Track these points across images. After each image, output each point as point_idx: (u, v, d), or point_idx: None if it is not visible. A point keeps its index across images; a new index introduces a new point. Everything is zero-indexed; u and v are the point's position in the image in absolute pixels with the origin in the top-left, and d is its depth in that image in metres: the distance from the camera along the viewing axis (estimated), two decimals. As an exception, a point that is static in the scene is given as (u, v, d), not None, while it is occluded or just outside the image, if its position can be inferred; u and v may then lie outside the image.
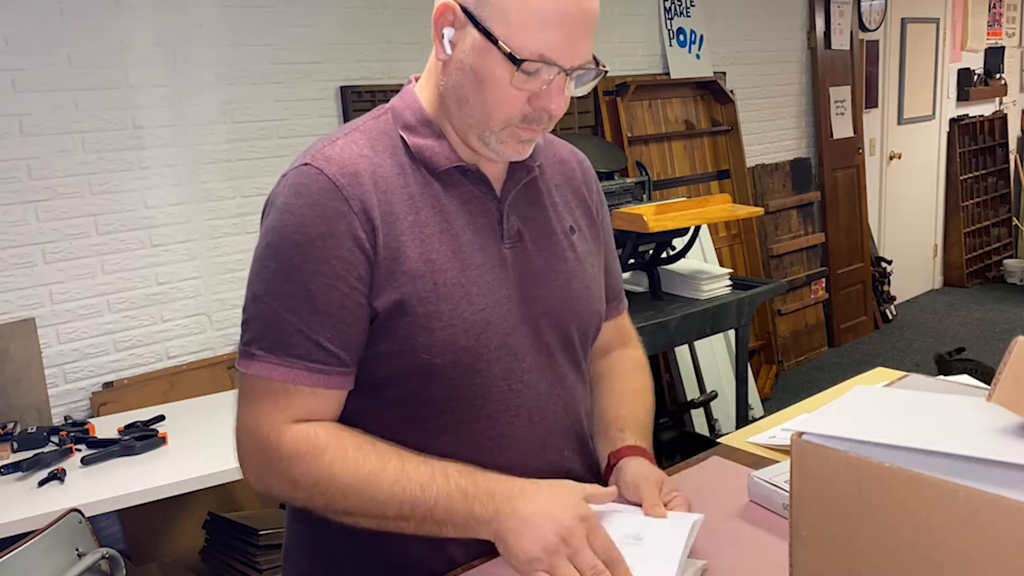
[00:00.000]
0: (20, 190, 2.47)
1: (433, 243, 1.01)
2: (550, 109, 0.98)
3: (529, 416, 1.07)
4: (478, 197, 1.06)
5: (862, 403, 0.83)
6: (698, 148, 4.37)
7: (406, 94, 1.08)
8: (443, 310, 0.99)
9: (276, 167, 2.94)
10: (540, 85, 0.97)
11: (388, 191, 1.00)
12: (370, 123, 1.06)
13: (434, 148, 1.03)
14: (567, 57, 0.95)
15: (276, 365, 0.96)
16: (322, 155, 1.00)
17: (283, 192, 0.99)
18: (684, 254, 3.03)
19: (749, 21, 4.61)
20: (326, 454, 0.96)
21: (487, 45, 0.94)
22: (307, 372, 0.97)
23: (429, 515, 0.96)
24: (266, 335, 0.97)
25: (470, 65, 0.97)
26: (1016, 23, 6.79)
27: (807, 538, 0.76)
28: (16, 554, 1.39)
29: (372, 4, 3.12)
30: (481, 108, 0.98)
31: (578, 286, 1.12)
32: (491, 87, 0.96)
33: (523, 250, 1.08)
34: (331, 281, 0.96)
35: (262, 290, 0.98)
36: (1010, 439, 0.69)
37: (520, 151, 1.03)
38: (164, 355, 2.78)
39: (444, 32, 0.98)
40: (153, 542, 2.63)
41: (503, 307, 1.04)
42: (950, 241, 6.37)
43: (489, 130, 1.00)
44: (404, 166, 1.02)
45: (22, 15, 2.44)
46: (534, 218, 1.11)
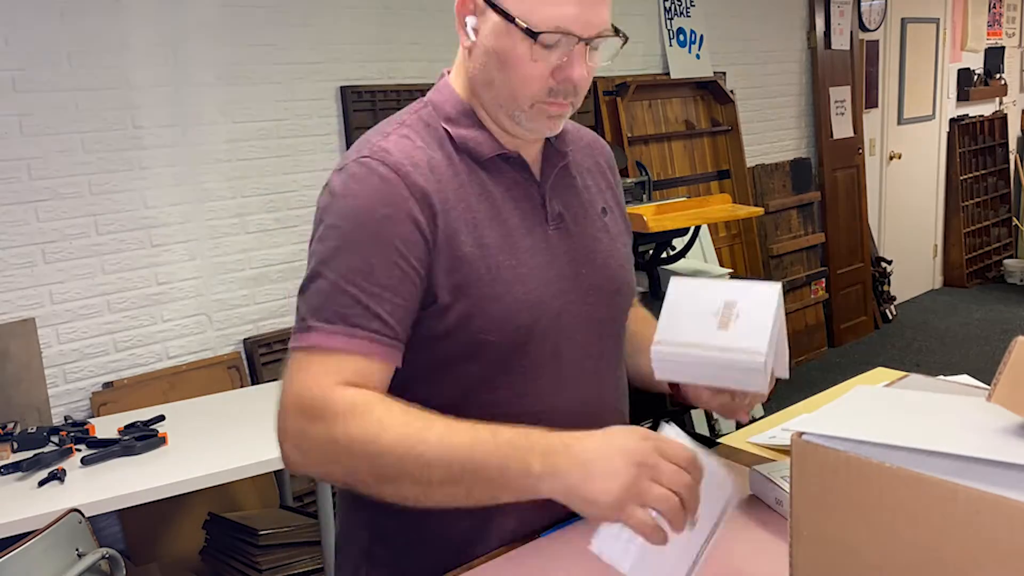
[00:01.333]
0: (20, 190, 2.47)
1: (484, 229, 1.05)
2: (573, 79, 1.01)
3: (576, 390, 1.11)
4: (520, 183, 1.10)
5: (862, 403, 0.83)
6: (698, 148, 4.37)
7: (443, 87, 1.11)
8: (498, 292, 1.03)
9: (276, 167, 2.94)
10: (561, 57, 1.00)
11: (442, 180, 1.04)
12: (413, 117, 1.09)
13: (477, 138, 1.08)
14: (583, 26, 0.99)
15: (334, 334, 0.97)
16: (379, 147, 1.04)
17: (343, 182, 1.03)
18: (684, 254, 3.03)
19: (749, 21, 4.61)
20: (374, 412, 0.94)
21: (505, 25, 0.99)
22: (366, 341, 0.97)
23: (480, 474, 0.90)
24: (325, 307, 0.99)
25: (492, 47, 1.01)
26: (1016, 23, 6.79)
27: (807, 538, 0.76)
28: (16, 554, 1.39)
29: (372, 4, 3.12)
30: (508, 88, 1.02)
31: (615, 264, 1.17)
32: (514, 65, 1.00)
33: (566, 232, 1.12)
34: (393, 258, 0.99)
35: (322, 267, 1.00)
36: (1010, 439, 0.69)
37: (552, 127, 1.06)
38: (164, 355, 2.78)
39: (467, 21, 1.03)
40: (153, 542, 2.63)
41: (554, 287, 1.08)
42: (950, 241, 6.38)
43: (518, 108, 1.03)
44: (451, 156, 1.07)
45: (22, 15, 2.44)
46: (571, 200, 1.15)
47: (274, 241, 2.95)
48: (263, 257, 2.94)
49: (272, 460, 2.09)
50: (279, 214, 2.96)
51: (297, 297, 1.03)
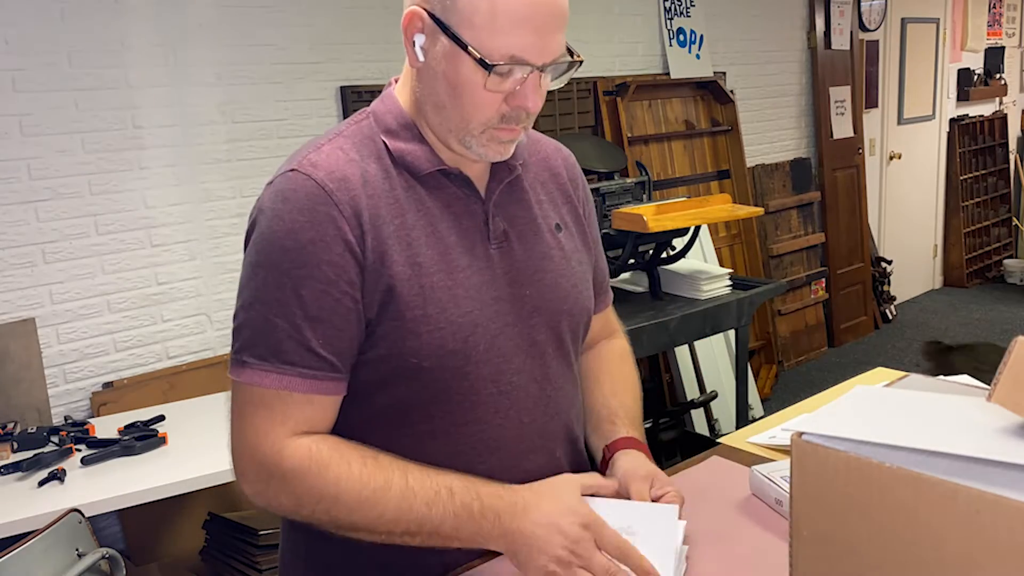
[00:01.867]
0: (20, 190, 2.47)
1: (419, 247, 1.00)
2: (527, 107, 0.98)
3: (519, 418, 1.07)
4: (462, 199, 1.05)
5: (862, 403, 0.83)
6: (698, 148, 4.37)
7: (387, 98, 1.07)
8: (430, 313, 0.99)
9: (276, 167, 2.93)
10: (514, 85, 0.96)
11: (374, 195, 0.99)
12: (353, 128, 1.05)
13: (416, 152, 1.03)
14: (538, 55, 0.94)
15: (268, 372, 0.95)
16: (308, 161, 0.99)
17: (271, 198, 0.99)
18: (684, 254, 3.03)
19: (749, 21, 4.61)
20: (330, 471, 0.95)
21: (457, 51, 0.94)
22: (300, 379, 0.95)
23: (436, 532, 0.97)
24: (257, 342, 0.96)
25: (443, 72, 0.96)
26: (1016, 23, 6.79)
27: (807, 538, 0.76)
28: (16, 554, 1.39)
29: (372, 4, 3.12)
30: (458, 113, 0.98)
31: (566, 284, 1.12)
32: (465, 92, 0.96)
33: (510, 250, 1.07)
34: (322, 286, 0.95)
35: (252, 297, 0.97)
36: (1010, 439, 0.69)
37: (502, 152, 1.02)
38: (164, 355, 2.78)
39: (415, 39, 0.98)
40: (153, 542, 2.63)
41: (491, 308, 1.04)
42: (950, 241, 6.37)
43: (469, 134, 0.99)
44: (388, 170, 1.02)
45: (22, 15, 2.44)
46: (519, 217, 1.10)
47: (274, 241, 2.95)
48: (263, 257, 2.93)
49: (272, 460, 2.09)
50: (279, 214, 2.95)
51: (232, 320, 1.00)
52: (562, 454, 1.14)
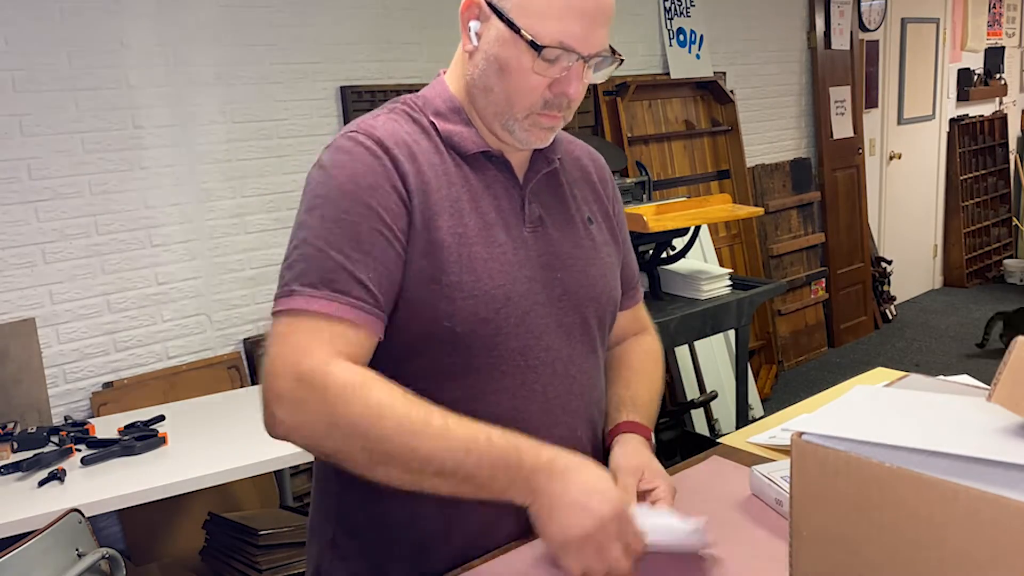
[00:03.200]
0: (20, 190, 2.47)
1: (463, 217, 1.06)
2: (569, 94, 1.04)
3: (544, 392, 1.10)
4: (501, 182, 1.11)
5: (862, 403, 0.83)
6: (698, 148, 4.38)
7: (437, 84, 1.14)
8: (466, 280, 1.03)
9: (276, 167, 2.94)
10: (560, 71, 1.03)
11: (424, 164, 1.06)
12: (403, 108, 1.12)
13: (463, 133, 1.10)
14: (585, 45, 1.01)
15: (318, 298, 0.97)
16: (367, 125, 1.06)
17: (331, 155, 1.05)
18: (684, 254, 3.03)
19: (749, 21, 4.61)
20: (373, 393, 0.95)
21: (510, 35, 1.01)
22: (349, 307, 0.97)
23: (469, 477, 0.95)
24: (309, 272, 0.99)
25: (494, 55, 1.04)
26: (1016, 23, 6.79)
27: (807, 538, 0.76)
28: (16, 554, 1.39)
29: (372, 4, 3.12)
30: (505, 96, 1.05)
31: (595, 272, 1.17)
32: (514, 74, 1.03)
33: (544, 235, 1.13)
34: (377, 227, 1.00)
35: (308, 235, 1.01)
36: (1010, 439, 0.69)
37: (543, 138, 1.09)
38: (164, 355, 2.78)
39: (470, 25, 1.06)
40: (153, 542, 2.63)
41: (523, 285, 1.08)
42: (950, 241, 6.38)
43: (513, 118, 1.06)
44: (438, 146, 1.09)
45: (22, 15, 2.44)
46: (554, 206, 1.16)
47: (274, 241, 2.95)
48: (263, 257, 2.94)
49: (272, 460, 2.09)
50: (279, 214, 2.96)
51: (281, 266, 1.03)
52: (582, 434, 1.16)
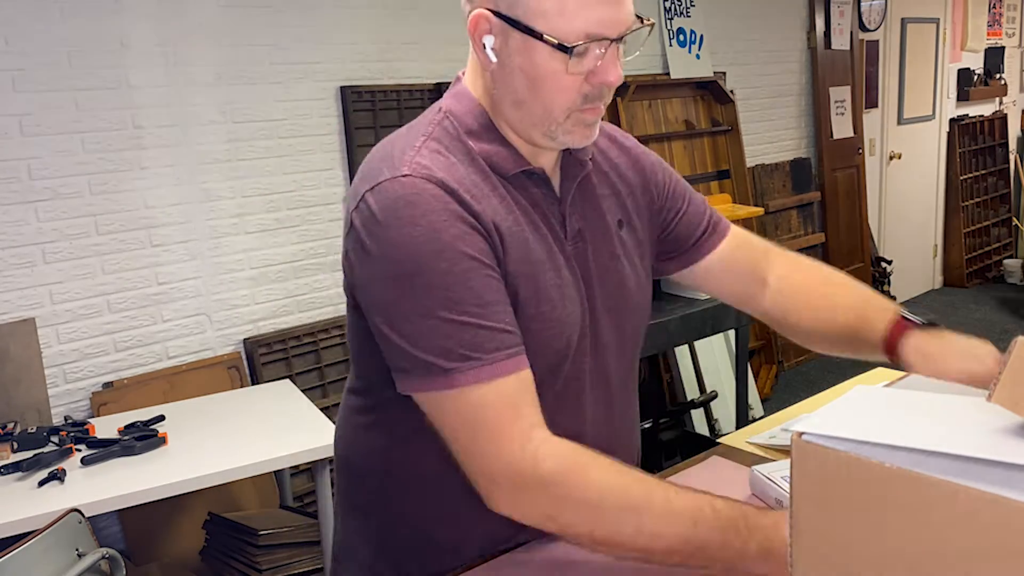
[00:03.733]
0: (20, 190, 2.47)
1: (529, 244, 1.00)
2: (610, 82, 0.97)
3: (593, 414, 1.08)
4: (542, 199, 1.05)
5: (862, 403, 0.83)
6: (698, 148, 4.37)
7: (462, 96, 1.05)
8: (543, 311, 1.00)
9: (276, 167, 2.94)
10: (594, 62, 0.95)
11: (485, 197, 0.99)
12: (436, 129, 1.02)
13: (501, 154, 1.02)
14: (613, 26, 0.94)
15: (478, 368, 0.91)
16: (417, 164, 0.97)
17: (390, 207, 0.94)
18: (684, 254, 3.03)
19: (749, 21, 4.61)
20: (591, 473, 0.91)
21: (532, 43, 0.94)
22: (508, 359, 0.92)
23: (700, 550, 0.90)
24: (449, 347, 0.91)
25: (519, 67, 0.96)
26: (1016, 23, 6.79)
27: (807, 538, 0.76)
28: (16, 554, 1.39)
29: (372, 4, 3.12)
30: (541, 105, 0.98)
31: (631, 284, 1.13)
32: (547, 82, 0.96)
33: (583, 249, 1.08)
34: (484, 272, 0.94)
35: (419, 307, 0.92)
36: (1010, 439, 0.69)
37: (587, 135, 1.02)
38: (164, 355, 2.78)
39: (484, 41, 0.97)
40: (153, 542, 2.63)
41: (576, 307, 1.05)
42: (950, 241, 6.37)
43: (554, 122, 0.99)
44: (483, 170, 1.01)
45: (22, 15, 2.44)
46: (591, 216, 1.10)
47: (274, 241, 2.95)
48: (263, 257, 2.94)
49: (272, 460, 2.09)
50: (279, 214, 2.96)
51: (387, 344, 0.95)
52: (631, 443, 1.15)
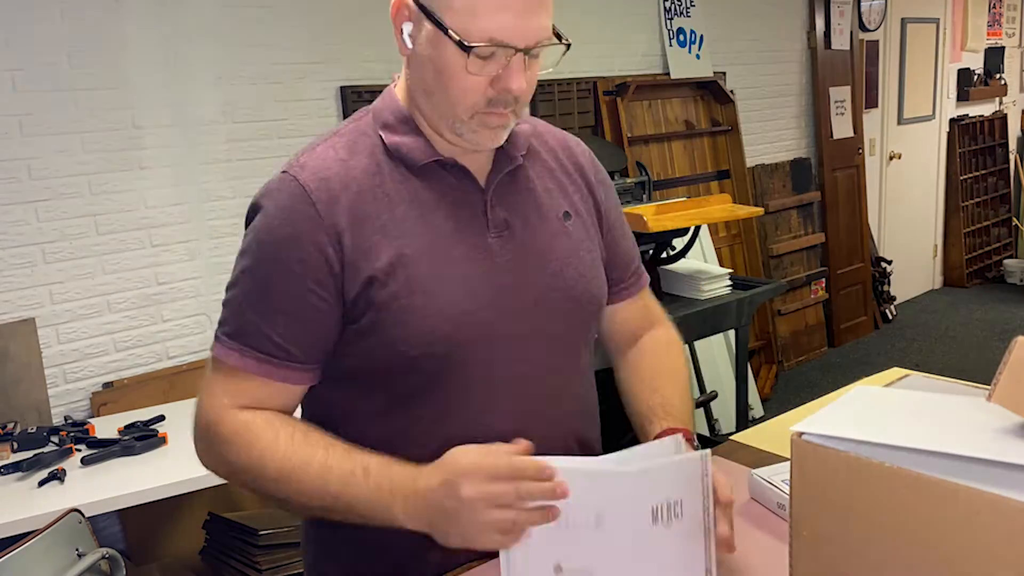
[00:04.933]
0: (20, 190, 2.47)
1: (408, 238, 1.02)
2: (511, 89, 0.98)
3: (513, 408, 1.07)
4: (460, 189, 1.06)
5: (862, 403, 0.83)
6: (698, 148, 4.37)
7: (386, 94, 1.10)
8: (416, 303, 1.01)
9: (276, 167, 2.93)
10: (497, 68, 0.97)
11: (361, 192, 1.02)
12: (351, 126, 1.08)
13: (410, 144, 1.05)
14: (519, 36, 0.95)
15: (232, 351, 1.02)
16: (298, 163, 1.04)
17: (262, 196, 1.05)
18: (684, 254, 3.03)
19: (749, 21, 4.61)
20: (258, 443, 1.00)
21: (440, 35, 0.96)
22: (256, 362, 1.01)
23: (352, 511, 0.98)
24: (229, 320, 1.04)
25: (429, 57, 0.98)
26: (1016, 23, 6.79)
27: (807, 538, 0.76)
28: (16, 554, 1.39)
29: (372, 4, 3.12)
30: (445, 98, 1.00)
31: (572, 273, 1.11)
32: (450, 76, 0.97)
33: (511, 239, 1.08)
34: (289, 281, 1.00)
35: (233, 280, 1.05)
36: (1010, 439, 0.69)
37: (493, 137, 1.03)
38: (164, 355, 2.78)
39: (403, 27, 1.01)
40: (153, 542, 2.63)
41: (485, 298, 1.04)
42: (950, 241, 6.37)
43: (458, 119, 1.00)
44: (381, 165, 1.04)
45: (22, 15, 2.44)
46: (523, 206, 1.10)
47: (274, 241, 2.95)
48: (263, 257, 2.93)
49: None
50: (279, 214, 2.95)
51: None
52: (564, 444, 1.12)
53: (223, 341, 1.03)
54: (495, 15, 0.93)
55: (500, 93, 0.98)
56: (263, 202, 1.03)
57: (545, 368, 1.09)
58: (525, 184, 1.12)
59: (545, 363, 1.09)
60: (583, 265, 1.13)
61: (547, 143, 1.19)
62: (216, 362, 1.04)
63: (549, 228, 1.11)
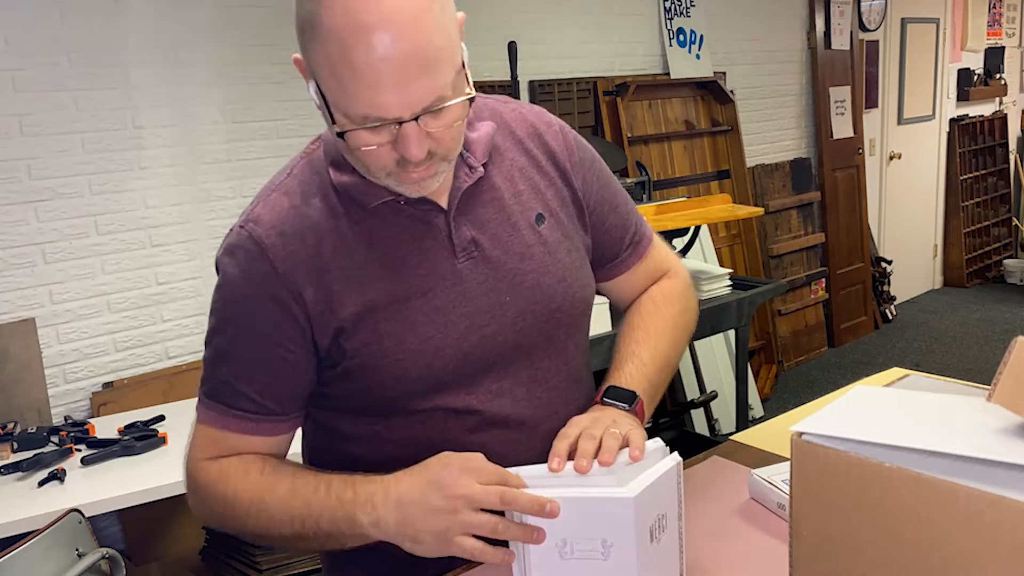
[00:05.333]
0: (20, 190, 2.47)
1: (370, 283, 0.99)
2: (408, 157, 0.89)
3: (505, 422, 1.06)
4: (419, 218, 1.01)
5: (862, 403, 0.83)
6: (698, 148, 4.38)
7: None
8: (387, 347, 0.99)
9: (276, 167, 2.91)
10: (391, 136, 0.89)
11: (318, 243, 0.98)
12: (303, 163, 1.04)
13: (359, 186, 0.98)
14: (400, 109, 0.86)
15: (210, 411, 1.03)
16: (253, 216, 1.01)
17: (222, 255, 1.03)
18: (684, 254, 3.04)
19: (749, 21, 4.61)
20: (231, 481, 1.01)
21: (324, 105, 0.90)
22: (236, 420, 1.02)
23: (318, 528, 0.95)
24: (207, 379, 1.04)
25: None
26: (1016, 23, 6.79)
27: (807, 538, 0.76)
28: (16, 554, 1.39)
29: (372, 4, 3.12)
30: (356, 162, 0.94)
31: (551, 281, 1.07)
32: (349, 148, 0.92)
33: (482, 259, 1.03)
34: (256, 339, 0.99)
35: (208, 338, 1.04)
36: (1010, 439, 0.69)
37: (423, 188, 0.95)
38: (164, 355, 2.78)
39: (308, 84, 0.92)
40: (153, 542, 2.63)
41: (460, 326, 1.01)
42: (950, 241, 6.37)
43: (376, 179, 0.95)
44: (335, 208, 0.99)
45: (22, 15, 2.44)
46: (490, 221, 1.04)
47: (274, 241, 2.95)
48: (263, 257, 2.93)
49: (272, 460, 2.09)
50: (279, 214, 2.96)
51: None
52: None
53: (204, 401, 1.04)
54: (366, 93, 0.84)
55: (404, 157, 0.90)
56: (223, 261, 1.02)
57: (534, 381, 1.08)
58: (491, 195, 1.05)
59: (533, 376, 1.08)
60: (562, 269, 1.08)
61: (514, 135, 1.10)
62: (199, 417, 1.05)
63: (521, 239, 1.05)
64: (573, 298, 1.10)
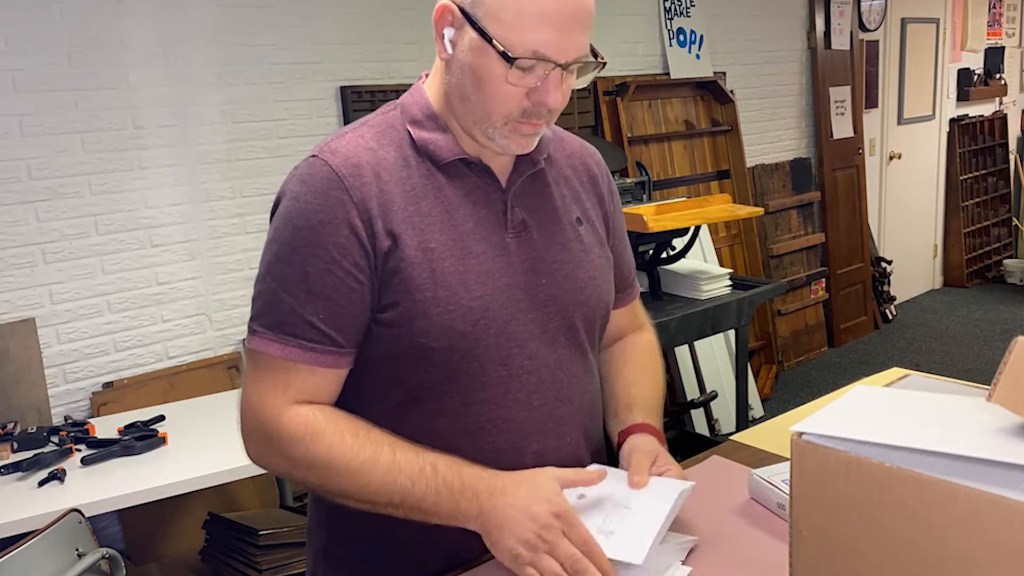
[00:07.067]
0: (20, 190, 2.47)
1: (433, 232, 1.04)
2: (547, 103, 1.01)
3: (528, 400, 1.09)
4: (482, 188, 1.09)
5: (862, 403, 0.83)
6: (698, 148, 4.38)
7: (415, 91, 1.12)
8: (440, 296, 1.02)
9: (276, 167, 2.94)
10: (536, 80, 0.99)
11: (390, 182, 1.04)
12: (379, 118, 1.10)
13: (438, 141, 1.07)
14: (561, 52, 0.98)
15: (272, 342, 1.02)
16: (329, 148, 1.05)
17: (291, 182, 1.05)
18: (684, 254, 3.03)
19: (749, 21, 4.61)
20: (324, 439, 1.01)
21: (483, 44, 0.98)
22: (301, 350, 1.01)
23: (417, 506, 1.00)
24: (266, 312, 1.03)
25: (468, 64, 1.00)
26: (1016, 23, 6.79)
27: (807, 538, 0.76)
28: (16, 554, 1.39)
29: (372, 4, 3.12)
30: (481, 105, 1.02)
31: (583, 276, 1.15)
32: (489, 84, 1.00)
33: (528, 239, 1.10)
34: (326, 265, 1.00)
35: (265, 270, 1.04)
36: (1010, 439, 0.69)
37: (524, 144, 1.06)
38: (164, 355, 2.78)
39: (444, 32, 1.02)
40: (153, 542, 2.63)
41: (503, 294, 1.07)
42: (950, 241, 6.38)
43: (491, 126, 1.03)
44: (408, 159, 1.06)
45: (22, 15, 2.44)
46: (540, 208, 1.13)
47: (274, 241, 2.94)
48: (263, 257, 2.93)
49: (272, 460, 2.09)
50: (279, 214, 2.95)
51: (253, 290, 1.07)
52: (575, 439, 1.15)
53: (261, 334, 1.02)
54: (540, 30, 0.96)
55: (535, 105, 1.01)
56: (293, 188, 1.04)
57: (556, 365, 1.12)
58: (543, 188, 1.15)
59: (556, 360, 1.12)
60: (593, 269, 1.17)
61: (566, 150, 1.23)
62: (257, 356, 1.03)
63: (563, 232, 1.14)
64: (599, 297, 1.18)
